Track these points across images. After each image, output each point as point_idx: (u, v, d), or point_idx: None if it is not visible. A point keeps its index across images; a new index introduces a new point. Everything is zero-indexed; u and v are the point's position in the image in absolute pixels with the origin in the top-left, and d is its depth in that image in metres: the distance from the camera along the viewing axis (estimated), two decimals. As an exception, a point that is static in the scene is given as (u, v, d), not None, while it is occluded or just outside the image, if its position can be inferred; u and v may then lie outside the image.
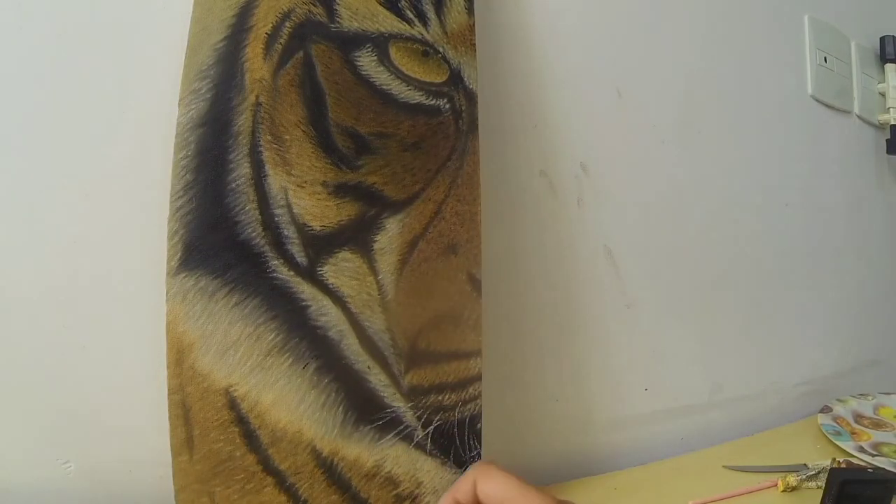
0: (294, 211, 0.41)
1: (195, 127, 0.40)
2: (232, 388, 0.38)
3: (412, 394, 0.42)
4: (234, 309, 0.39)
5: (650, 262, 0.67)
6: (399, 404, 0.42)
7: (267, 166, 0.41)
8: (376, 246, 0.43)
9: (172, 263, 0.38)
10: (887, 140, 0.91)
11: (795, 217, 0.81)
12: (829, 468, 0.51)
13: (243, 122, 0.41)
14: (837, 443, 0.63)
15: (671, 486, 0.57)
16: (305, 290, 0.40)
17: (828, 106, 0.85)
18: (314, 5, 0.43)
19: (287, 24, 0.42)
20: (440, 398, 0.43)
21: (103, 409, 0.44)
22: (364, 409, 0.41)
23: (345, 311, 0.41)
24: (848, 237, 0.88)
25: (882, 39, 0.92)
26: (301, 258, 0.40)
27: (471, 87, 0.48)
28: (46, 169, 0.43)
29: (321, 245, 0.41)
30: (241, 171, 0.40)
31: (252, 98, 0.41)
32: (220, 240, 0.39)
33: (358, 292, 0.42)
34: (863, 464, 0.58)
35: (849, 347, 0.88)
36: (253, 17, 0.42)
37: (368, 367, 0.41)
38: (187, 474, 0.37)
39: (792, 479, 0.54)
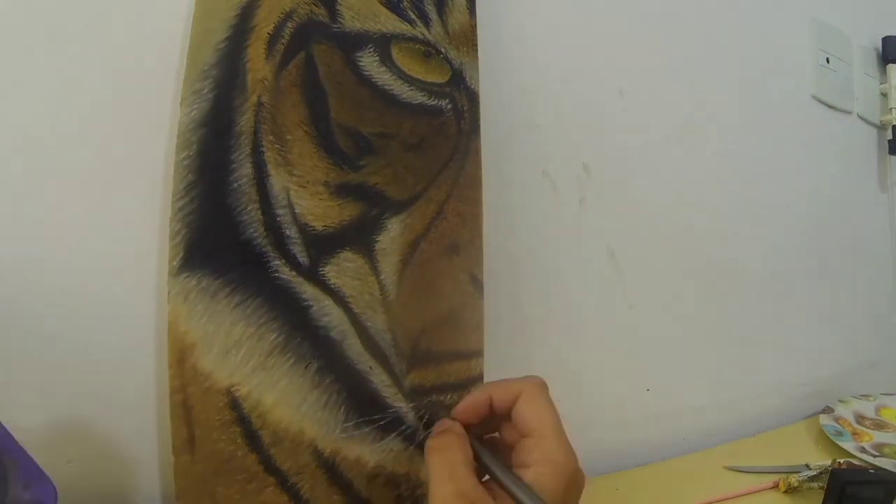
0: (296, 211, 0.41)
1: (197, 127, 0.40)
2: (234, 388, 0.38)
3: (414, 394, 0.42)
4: (236, 309, 0.39)
5: (652, 263, 0.67)
6: (401, 404, 0.41)
7: (269, 166, 0.41)
8: (378, 246, 0.43)
9: (174, 264, 0.38)
10: (889, 140, 0.91)
11: (797, 217, 0.81)
12: (830, 469, 0.51)
13: (245, 122, 0.41)
14: (839, 443, 0.63)
15: (673, 486, 0.57)
16: (307, 290, 0.40)
17: (829, 106, 0.85)
18: (316, 6, 0.43)
19: (289, 24, 0.42)
20: (442, 398, 0.43)
21: (105, 408, 0.44)
22: (366, 410, 0.41)
23: (346, 311, 0.41)
24: (850, 238, 0.88)
25: (884, 40, 0.92)
26: (303, 258, 0.40)
27: (472, 87, 0.48)
28: (47, 169, 0.43)
29: (323, 245, 0.41)
30: (244, 171, 0.40)
31: (254, 98, 0.41)
32: (222, 240, 0.39)
33: (360, 292, 0.42)
34: (864, 465, 0.58)
35: (850, 348, 0.88)
36: (255, 18, 0.42)
37: (370, 368, 0.41)
38: (189, 474, 0.37)
39: (793, 480, 0.54)
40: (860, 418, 0.71)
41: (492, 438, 0.36)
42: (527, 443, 0.32)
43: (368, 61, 0.44)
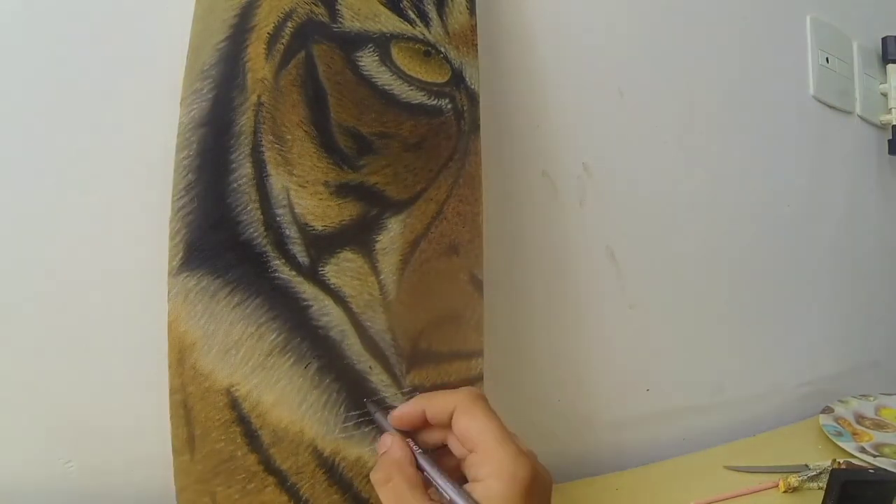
0: (296, 211, 0.41)
1: (197, 127, 0.40)
2: (233, 388, 0.38)
3: (414, 394, 0.42)
4: (236, 309, 0.39)
5: (652, 263, 0.67)
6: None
7: (269, 166, 0.41)
8: (378, 246, 0.43)
9: (174, 263, 0.38)
10: (889, 141, 0.91)
11: (797, 218, 0.81)
12: (830, 469, 0.51)
13: (245, 122, 0.41)
14: (839, 443, 0.63)
15: (673, 486, 0.57)
16: (307, 290, 0.40)
17: (829, 106, 0.85)
18: (316, 5, 0.43)
19: (289, 23, 0.42)
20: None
21: (105, 408, 0.44)
22: (366, 410, 0.41)
23: (346, 311, 0.41)
24: (849, 238, 0.88)
25: (884, 40, 0.92)
26: (303, 258, 0.40)
27: (472, 87, 0.48)
28: (47, 169, 0.43)
29: (323, 245, 0.41)
30: (243, 171, 0.40)
31: (254, 98, 0.41)
32: (221, 240, 0.39)
33: (359, 292, 0.42)
34: (864, 464, 0.58)
35: (850, 348, 0.88)
36: (255, 17, 0.42)
37: (370, 367, 0.41)
38: (188, 474, 0.37)
39: (793, 480, 0.54)
40: (860, 418, 0.71)
41: (443, 450, 0.35)
42: (473, 458, 0.31)
43: (368, 61, 0.44)
